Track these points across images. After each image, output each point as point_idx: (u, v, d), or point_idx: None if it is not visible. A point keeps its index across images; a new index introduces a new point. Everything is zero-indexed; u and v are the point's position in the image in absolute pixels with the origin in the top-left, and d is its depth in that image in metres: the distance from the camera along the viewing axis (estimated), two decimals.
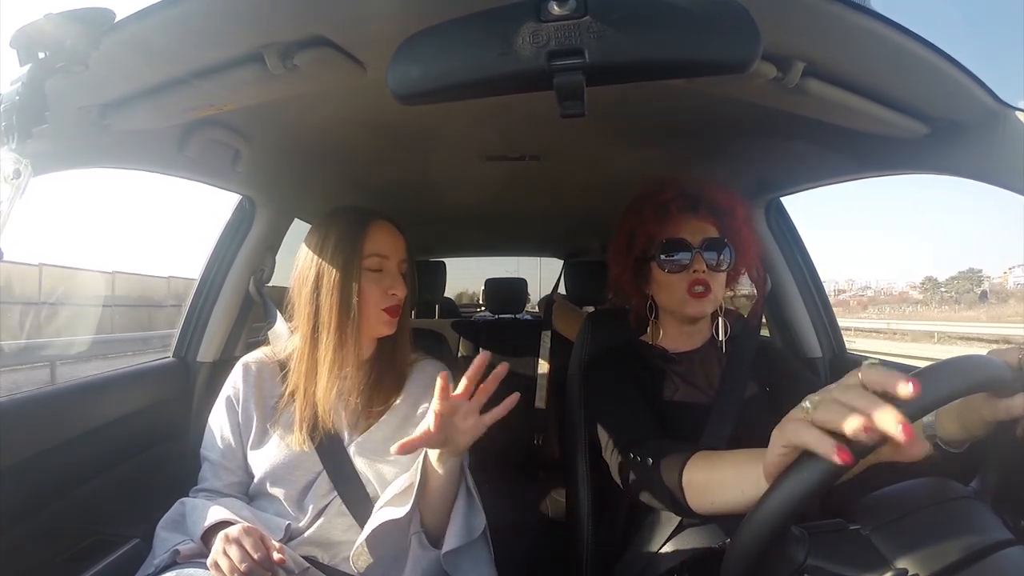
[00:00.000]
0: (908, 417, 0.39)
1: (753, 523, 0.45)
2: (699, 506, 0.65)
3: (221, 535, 0.69)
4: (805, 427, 0.43)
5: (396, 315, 0.88)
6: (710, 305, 0.86)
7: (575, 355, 1.07)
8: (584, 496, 0.98)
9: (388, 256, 0.87)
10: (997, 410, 0.52)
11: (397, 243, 0.89)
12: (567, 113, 0.47)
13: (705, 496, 0.64)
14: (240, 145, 0.98)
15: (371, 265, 0.85)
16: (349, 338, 0.83)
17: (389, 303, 0.86)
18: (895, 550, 0.48)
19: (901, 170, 0.91)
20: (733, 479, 0.60)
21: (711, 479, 0.63)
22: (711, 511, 0.64)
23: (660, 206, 0.88)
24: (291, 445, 0.83)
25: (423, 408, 0.90)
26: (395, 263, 0.88)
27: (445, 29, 0.47)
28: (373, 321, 0.86)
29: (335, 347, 0.83)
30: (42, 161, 0.68)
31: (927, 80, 0.66)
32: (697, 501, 0.65)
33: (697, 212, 0.88)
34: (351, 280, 0.83)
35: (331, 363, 0.83)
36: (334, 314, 0.82)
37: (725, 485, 0.61)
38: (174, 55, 0.63)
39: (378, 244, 0.86)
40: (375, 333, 0.89)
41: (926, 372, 0.44)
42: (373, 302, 0.85)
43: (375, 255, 0.86)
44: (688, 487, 0.66)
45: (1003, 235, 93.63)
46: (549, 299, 2.09)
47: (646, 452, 0.73)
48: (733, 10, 0.45)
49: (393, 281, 0.87)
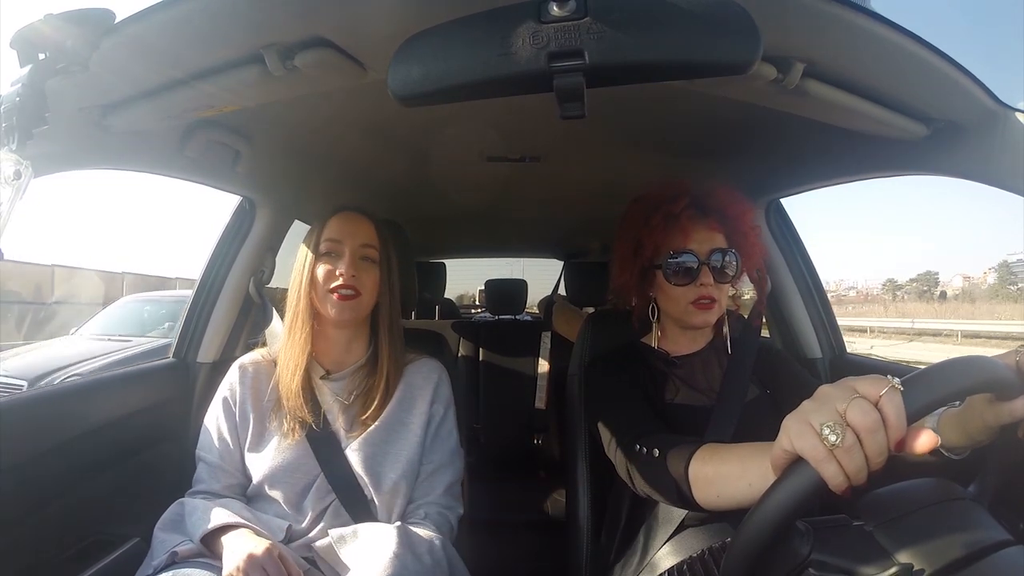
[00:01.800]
0: (908, 420, 0.40)
1: (755, 519, 0.46)
2: (705, 500, 0.64)
3: (244, 555, 0.69)
4: (808, 431, 0.42)
5: (347, 299, 0.86)
6: (714, 316, 0.86)
7: (575, 355, 1.07)
8: (584, 496, 0.98)
9: (340, 240, 0.88)
10: (1000, 414, 0.51)
11: (354, 228, 0.89)
12: (567, 115, 0.47)
13: (711, 489, 0.63)
14: (240, 146, 0.98)
15: (323, 249, 0.88)
16: (308, 322, 0.86)
17: (334, 283, 0.86)
18: (898, 546, 0.48)
19: (901, 171, 0.91)
20: (739, 472, 0.59)
21: (718, 472, 0.63)
22: (717, 505, 0.63)
23: (669, 216, 0.86)
24: (289, 445, 0.83)
25: (419, 408, 0.90)
26: (350, 248, 0.87)
27: (445, 30, 0.47)
28: (323, 303, 0.87)
29: (302, 335, 0.86)
30: (42, 162, 0.68)
31: (927, 81, 0.66)
32: (703, 494, 0.64)
33: (706, 220, 0.87)
34: (307, 265, 0.87)
35: (300, 344, 0.86)
36: (296, 299, 0.87)
37: (731, 478, 0.60)
38: (174, 56, 0.63)
39: (331, 230, 0.89)
40: (330, 318, 0.88)
41: (926, 373, 0.44)
42: (320, 283, 0.86)
43: (327, 239, 0.88)
44: (695, 481, 0.65)
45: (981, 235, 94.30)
46: (549, 300, 2.09)
47: (652, 444, 0.73)
48: (733, 11, 0.45)
49: (343, 265, 0.86)
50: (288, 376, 0.85)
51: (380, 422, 0.87)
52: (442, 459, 0.90)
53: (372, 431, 0.86)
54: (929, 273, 51.90)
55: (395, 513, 0.84)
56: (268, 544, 0.71)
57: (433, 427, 0.91)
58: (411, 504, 0.87)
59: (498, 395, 1.93)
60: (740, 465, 0.60)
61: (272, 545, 0.71)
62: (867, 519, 0.52)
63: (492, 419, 1.89)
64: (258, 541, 0.71)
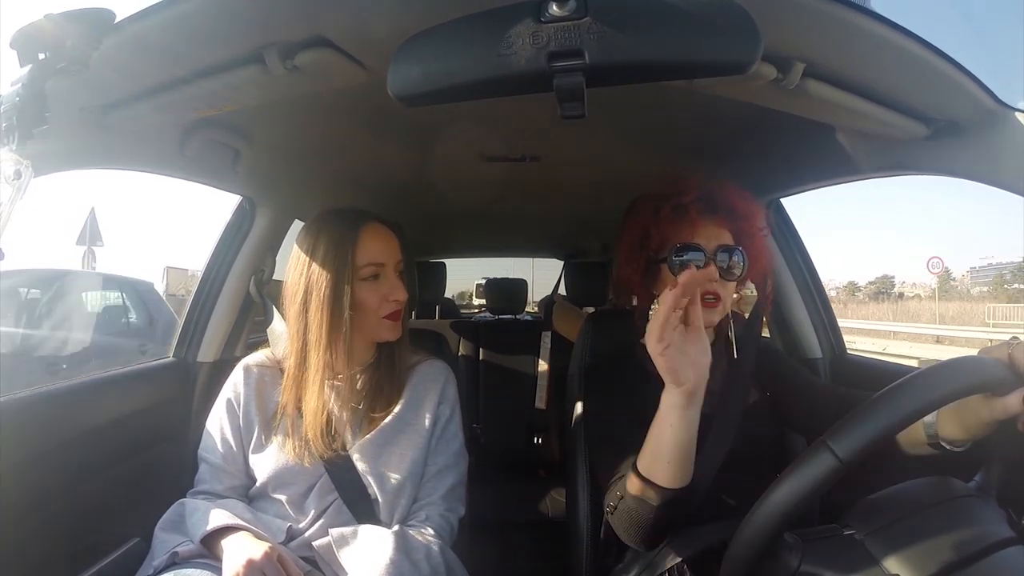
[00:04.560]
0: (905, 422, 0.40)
1: (749, 527, 0.45)
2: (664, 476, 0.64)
3: (244, 559, 0.68)
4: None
5: (399, 319, 0.87)
6: (718, 315, 0.84)
7: (576, 356, 1.07)
8: (583, 496, 0.98)
9: (384, 263, 0.84)
10: (994, 410, 0.51)
11: (391, 246, 0.87)
12: (567, 114, 0.47)
13: (659, 461, 0.64)
14: (240, 145, 0.98)
15: (367, 274, 0.83)
16: (339, 351, 0.81)
17: (390, 310, 0.85)
18: (889, 554, 0.48)
19: (901, 171, 0.91)
20: (657, 430, 0.63)
21: (651, 448, 0.64)
22: (674, 472, 0.63)
23: (679, 207, 0.85)
24: (293, 450, 0.83)
25: (425, 409, 0.90)
26: (392, 267, 0.86)
27: (445, 30, 0.47)
28: (376, 329, 0.85)
29: (324, 364, 0.81)
30: (43, 161, 0.68)
31: (927, 81, 0.66)
32: (657, 473, 0.64)
33: (715, 216, 0.86)
34: (341, 294, 0.80)
35: (321, 377, 0.82)
36: (324, 330, 0.80)
37: (659, 437, 0.63)
38: (174, 56, 0.63)
39: (372, 252, 0.83)
40: (379, 339, 0.88)
41: (922, 376, 0.44)
42: (372, 311, 0.83)
43: (370, 264, 0.83)
44: (647, 471, 0.65)
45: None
46: (549, 300, 2.09)
47: (615, 495, 0.71)
48: (733, 11, 0.45)
49: (392, 287, 0.85)
50: (312, 407, 0.82)
51: (386, 423, 0.86)
52: (447, 460, 0.90)
53: (378, 432, 0.85)
54: (886, 276, 54.01)
55: (398, 513, 0.84)
56: (267, 548, 0.70)
57: (439, 428, 0.90)
58: (414, 504, 0.87)
59: (498, 395, 1.93)
60: (655, 427, 0.63)
61: (271, 548, 0.71)
62: (859, 527, 0.52)
63: (492, 419, 1.89)
64: (258, 544, 0.71)
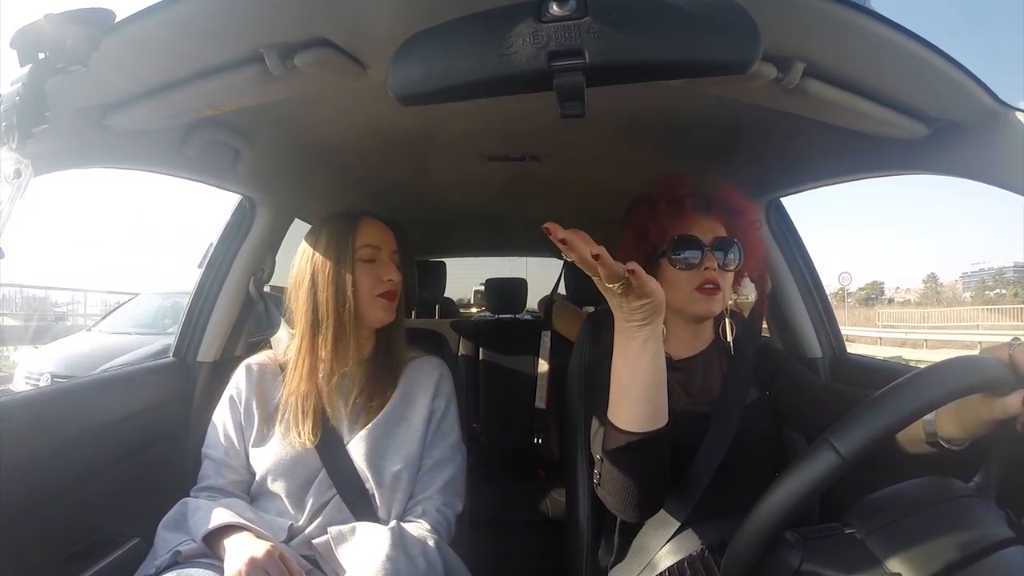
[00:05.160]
0: (907, 420, 0.40)
1: (753, 524, 0.46)
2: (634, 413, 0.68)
3: (246, 558, 0.69)
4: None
5: (392, 299, 0.90)
6: (718, 305, 0.86)
7: (575, 355, 1.07)
8: (583, 496, 0.98)
9: (379, 247, 0.90)
10: (994, 409, 0.51)
11: (387, 236, 0.93)
12: (567, 114, 0.47)
13: (628, 401, 0.67)
14: (240, 145, 0.98)
15: (364, 256, 0.88)
16: (348, 329, 0.86)
17: (384, 288, 0.89)
18: (890, 553, 0.48)
19: (901, 170, 0.91)
20: (619, 371, 0.66)
21: (618, 395, 0.68)
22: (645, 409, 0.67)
23: (675, 202, 0.87)
24: (292, 442, 0.84)
25: (420, 403, 0.91)
26: (387, 253, 0.91)
27: (445, 30, 0.47)
28: (371, 308, 0.88)
29: (334, 340, 0.85)
30: (43, 161, 0.68)
31: (927, 80, 0.66)
32: (631, 412, 0.68)
33: (709, 211, 0.88)
34: (345, 272, 0.86)
35: (331, 359, 0.85)
36: (331, 306, 0.85)
37: (621, 377, 0.67)
38: (174, 56, 0.63)
39: (369, 236, 0.90)
40: (374, 321, 0.90)
41: (924, 375, 0.44)
42: (368, 289, 0.88)
43: (367, 246, 0.89)
44: (615, 416, 0.69)
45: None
46: (549, 299, 2.09)
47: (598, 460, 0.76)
48: (733, 11, 0.45)
49: (386, 268, 0.90)
50: (324, 387, 0.87)
51: (382, 417, 0.88)
52: (443, 453, 0.90)
53: (374, 425, 0.87)
54: (875, 282, 55.33)
55: (395, 509, 0.84)
56: (269, 546, 0.71)
57: (435, 422, 0.92)
58: (411, 499, 0.87)
59: (498, 394, 1.93)
60: (615, 367, 0.67)
61: (273, 547, 0.71)
62: (859, 526, 0.52)
63: (492, 419, 1.89)
64: (259, 544, 0.71)
